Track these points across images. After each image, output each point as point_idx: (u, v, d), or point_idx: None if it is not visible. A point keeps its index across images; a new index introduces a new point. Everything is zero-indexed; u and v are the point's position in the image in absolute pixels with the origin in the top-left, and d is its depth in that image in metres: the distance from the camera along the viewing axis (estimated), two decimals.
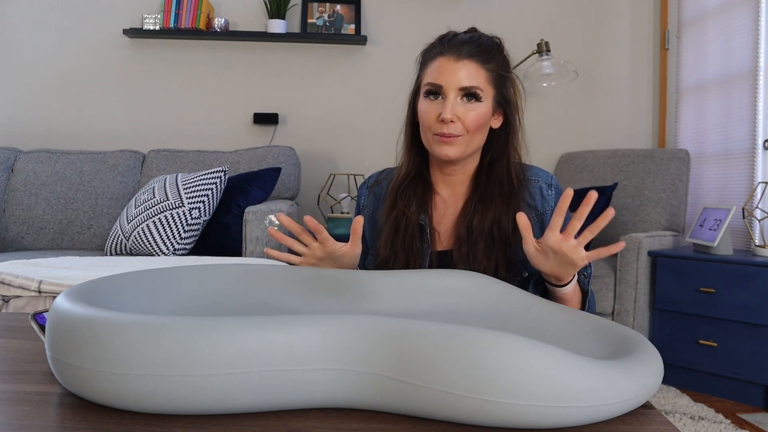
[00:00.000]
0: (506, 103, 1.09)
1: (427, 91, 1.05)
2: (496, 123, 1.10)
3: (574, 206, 0.88)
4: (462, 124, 1.02)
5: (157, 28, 2.99)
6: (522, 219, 0.89)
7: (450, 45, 1.05)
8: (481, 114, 1.04)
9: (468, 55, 1.03)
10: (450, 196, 1.13)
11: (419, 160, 1.14)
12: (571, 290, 0.97)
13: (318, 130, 3.13)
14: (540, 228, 1.09)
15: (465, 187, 1.13)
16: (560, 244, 0.87)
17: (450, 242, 1.11)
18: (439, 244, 1.11)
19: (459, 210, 1.11)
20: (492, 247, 1.05)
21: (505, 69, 1.08)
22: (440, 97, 1.03)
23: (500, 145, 1.11)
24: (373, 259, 1.15)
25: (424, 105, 1.05)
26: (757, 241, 2.32)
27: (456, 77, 1.02)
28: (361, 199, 1.21)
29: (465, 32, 1.09)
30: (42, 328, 0.74)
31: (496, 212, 1.06)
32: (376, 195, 1.19)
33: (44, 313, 0.75)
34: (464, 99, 1.03)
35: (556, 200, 1.10)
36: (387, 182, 1.18)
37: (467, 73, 1.02)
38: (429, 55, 1.08)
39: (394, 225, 1.09)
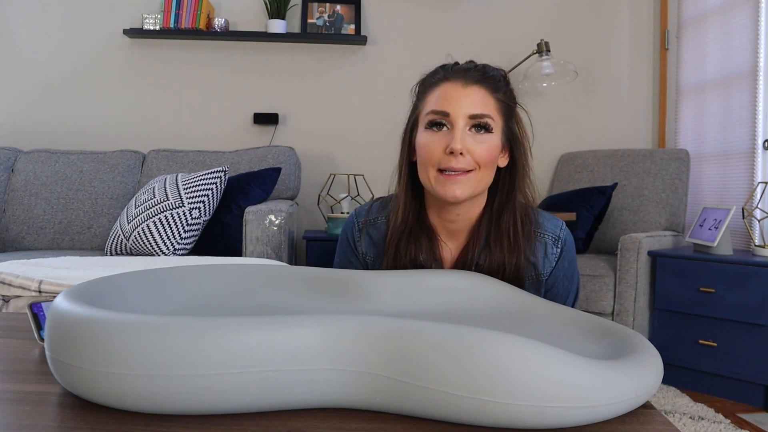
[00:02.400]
0: (513, 140, 0.97)
1: (430, 121, 0.92)
2: (503, 161, 0.98)
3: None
4: (472, 157, 0.90)
5: (157, 28, 2.99)
6: None
7: (455, 71, 0.94)
8: (492, 146, 0.92)
9: (476, 81, 0.92)
10: (453, 247, 1.02)
11: (416, 205, 1.00)
12: None
13: (318, 130, 3.13)
14: (535, 289, 1.00)
15: (465, 237, 1.00)
16: None
17: None
18: None
19: (464, 257, 1.00)
20: None
21: (512, 101, 0.98)
22: (445, 128, 0.91)
23: (507, 187, 0.99)
24: None
25: (426, 137, 0.92)
26: (756, 241, 2.32)
27: (464, 103, 0.90)
28: (357, 244, 1.06)
29: (466, 63, 0.99)
30: (35, 316, 0.74)
31: (502, 262, 0.96)
32: (373, 239, 1.04)
33: (42, 303, 0.75)
34: (473, 130, 0.91)
35: (559, 263, 1.00)
36: (381, 224, 1.04)
37: (477, 99, 0.91)
38: (430, 82, 0.96)
39: None
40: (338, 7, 3.07)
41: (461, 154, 0.89)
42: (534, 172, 1.02)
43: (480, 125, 0.91)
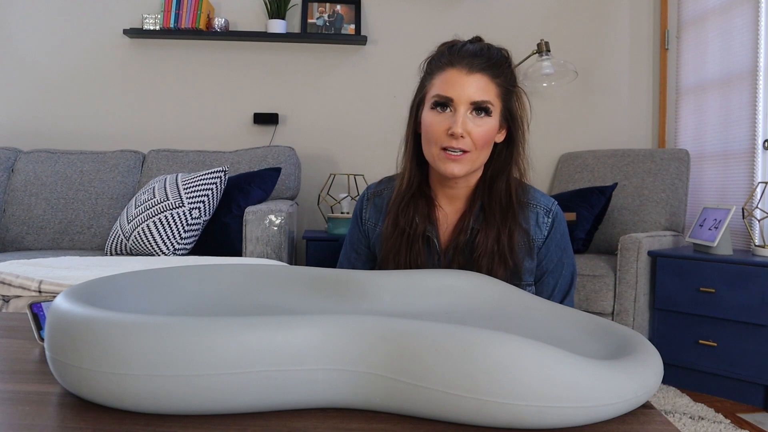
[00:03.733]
0: (511, 118, 1.06)
1: (435, 102, 1.01)
2: (500, 137, 1.08)
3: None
4: (471, 139, 0.99)
5: (157, 28, 2.99)
6: None
7: (460, 56, 1.01)
8: (489, 129, 1.01)
9: (480, 69, 1.00)
10: (450, 210, 1.11)
11: (420, 172, 1.10)
12: None
13: (318, 130, 3.13)
14: (528, 253, 1.08)
15: (464, 201, 1.10)
16: None
17: (452, 255, 1.09)
18: (444, 257, 1.10)
19: (459, 222, 1.09)
20: (493, 264, 1.04)
21: (512, 83, 1.06)
22: (449, 110, 1.00)
23: (502, 160, 1.08)
24: None
25: (431, 117, 1.01)
26: (756, 241, 2.32)
27: (468, 91, 0.99)
28: (363, 213, 1.17)
29: (472, 42, 1.06)
30: (35, 316, 0.74)
31: (497, 229, 1.04)
32: (377, 207, 1.15)
33: (42, 303, 0.75)
34: (474, 113, 1.00)
35: (551, 232, 1.10)
36: (387, 194, 1.14)
37: (479, 87, 0.99)
38: (437, 64, 1.04)
39: (400, 240, 1.07)
40: (338, 7, 3.07)
41: (461, 136, 0.98)
42: (530, 147, 1.11)
43: (480, 108, 1.00)
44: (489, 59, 1.01)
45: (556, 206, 1.11)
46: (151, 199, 2.33)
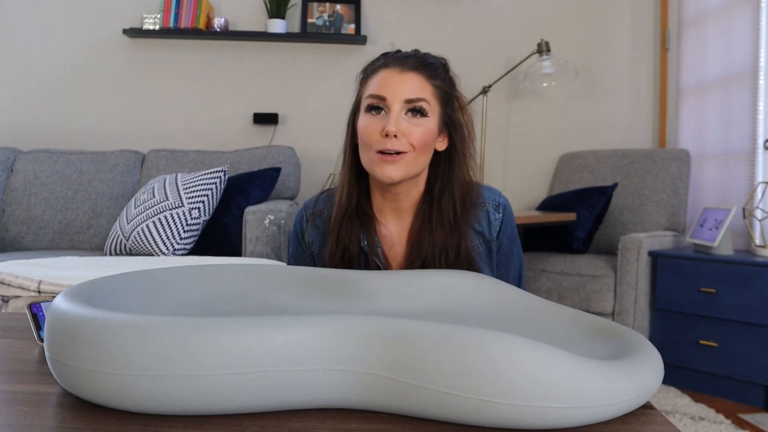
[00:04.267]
0: (451, 124, 1.01)
1: (368, 105, 0.97)
2: (441, 145, 1.02)
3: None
4: (407, 140, 0.94)
5: (157, 28, 2.99)
6: None
7: (394, 58, 0.99)
8: (427, 130, 0.96)
9: (413, 68, 0.97)
10: (396, 227, 1.05)
11: (359, 186, 1.04)
12: None
13: (318, 130, 3.13)
14: (487, 255, 1.05)
15: (411, 216, 1.04)
16: None
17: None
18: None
19: (406, 239, 1.04)
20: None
21: (451, 87, 1.02)
22: (383, 112, 0.96)
23: (446, 170, 1.02)
24: None
25: (365, 120, 0.97)
26: (757, 241, 2.32)
27: (401, 89, 0.95)
28: (304, 235, 1.09)
29: (409, 51, 1.04)
30: (35, 316, 0.74)
31: (444, 242, 0.99)
32: (319, 229, 1.08)
33: (41, 303, 0.75)
34: (409, 114, 0.95)
35: (504, 223, 1.06)
36: (327, 213, 1.07)
37: (413, 85, 0.96)
38: (370, 69, 1.02)
39: (342, 261, 1.01)
40: (338, 6, 3.07)
41: (395, 136, 0.94)
42: (478, 156, 1.06)
43: (415, 109, 0.96)
44: (424, 61, 0.99)
45: (502, 198, 1.07)
46: (151, 199, 2.33)
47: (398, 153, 0.94)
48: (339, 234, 1.02)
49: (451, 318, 0.79)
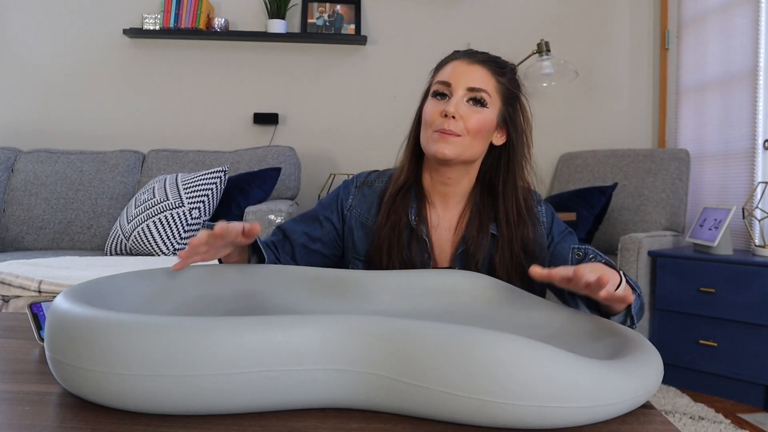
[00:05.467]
0: (511, 123, 1.06)
1: (435, 91, 1.04)
2: (498, 140, 1.07)
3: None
4: (464, 123, 1.00)
5: (157, 28, 2.99)
6: (537, 273, 0.76)
7: (465, 53, 1.06)
8: (484, 119, 1.01)
9: (481, 61, 1.03)
10: (444, 212, 1.09)
11: (416, 168, 1.10)
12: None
13: (318, 130, 3.13)
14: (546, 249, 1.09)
15: (461, 205, 1.09)
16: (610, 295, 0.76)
17: (447, 260, 1.07)
18: (435, 259, 1.08)
19: (453, 227, 1.08)
20: (495, 273, 1.02)
21: (515, 87, 1.07)
22: (447, 98, 1.02)
23: (500, 165, 1.07)
24: (363, 266, 1.10)
25: (430, 104, 1.04)
26: (757, 241, 2.32)
27: (466, 77, 1.01)
28: (348, 198, 1.13)
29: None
30: (35, 316, 0.74)
31: (510, 235, 1.03)
32: (366, 197, 1.12)
33: (41, 303, 0.75)
34: (470, 102, 1.01)
35: (546, 216, 1.10)
36: (380, 186, 1.13)
37: (477, 76, 1.02)
38: (442, 61, 1.09)
39: (392, 233, 1.05)
40: (338, 7, 3.07)
41: (453, 117, 0.99)
42: (535, 167, 1.11)
43: (476, 99, 1.01)
44: (492, 57, 1.05)
45: (538, 195, 1.13)
46: (151, 199, 2.33)
47: (456, 134, 0.99)
48: (392, 207, 1.07)
49: (452, 318, 0.79)
